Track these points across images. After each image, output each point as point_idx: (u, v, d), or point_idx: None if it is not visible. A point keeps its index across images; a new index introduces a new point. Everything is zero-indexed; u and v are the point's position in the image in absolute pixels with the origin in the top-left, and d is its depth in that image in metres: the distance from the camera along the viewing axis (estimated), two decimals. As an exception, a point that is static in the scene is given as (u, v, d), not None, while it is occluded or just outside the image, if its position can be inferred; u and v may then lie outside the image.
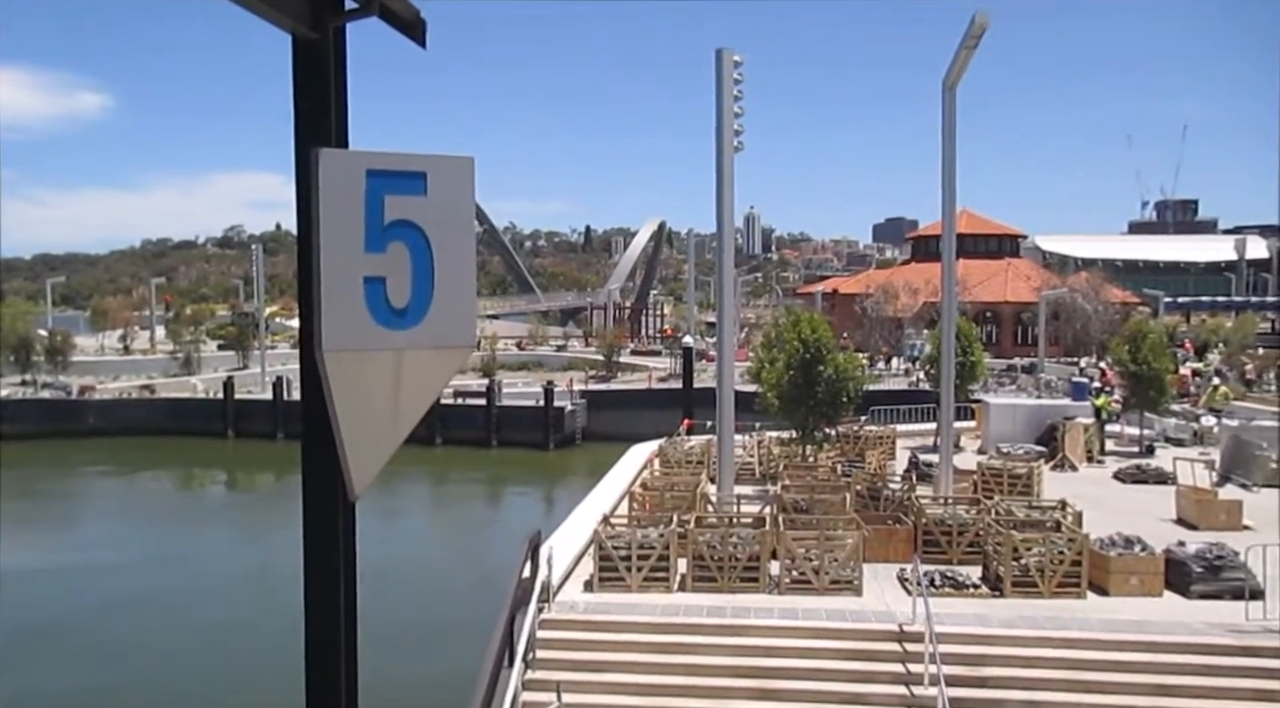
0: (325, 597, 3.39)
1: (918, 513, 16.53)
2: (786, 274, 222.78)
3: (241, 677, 19.03)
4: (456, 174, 3.45)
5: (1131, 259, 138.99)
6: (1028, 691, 11.89)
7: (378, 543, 27.95)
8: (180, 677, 19.49)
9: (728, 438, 18.70)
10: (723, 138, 17.73)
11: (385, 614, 20.03)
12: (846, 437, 25.86)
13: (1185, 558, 14.38)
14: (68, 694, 18.64)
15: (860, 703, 11.90)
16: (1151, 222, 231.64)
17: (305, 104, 3.32)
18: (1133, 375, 27.97)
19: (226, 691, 18.67)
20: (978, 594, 14.26)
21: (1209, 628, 12.80)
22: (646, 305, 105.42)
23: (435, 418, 46.59)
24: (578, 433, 49.32)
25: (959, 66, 17.46)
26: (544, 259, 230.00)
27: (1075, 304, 61.89)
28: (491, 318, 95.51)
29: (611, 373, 59.79)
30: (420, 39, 3.74)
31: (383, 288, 3.29)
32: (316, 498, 3.39)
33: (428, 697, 17.03)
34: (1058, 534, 14.67)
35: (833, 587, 14.11)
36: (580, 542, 15.72)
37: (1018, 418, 27.75)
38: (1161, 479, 22.74)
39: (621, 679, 12.33)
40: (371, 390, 3.34)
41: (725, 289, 19.24)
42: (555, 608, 13.53)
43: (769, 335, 27.03)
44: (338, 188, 3.20)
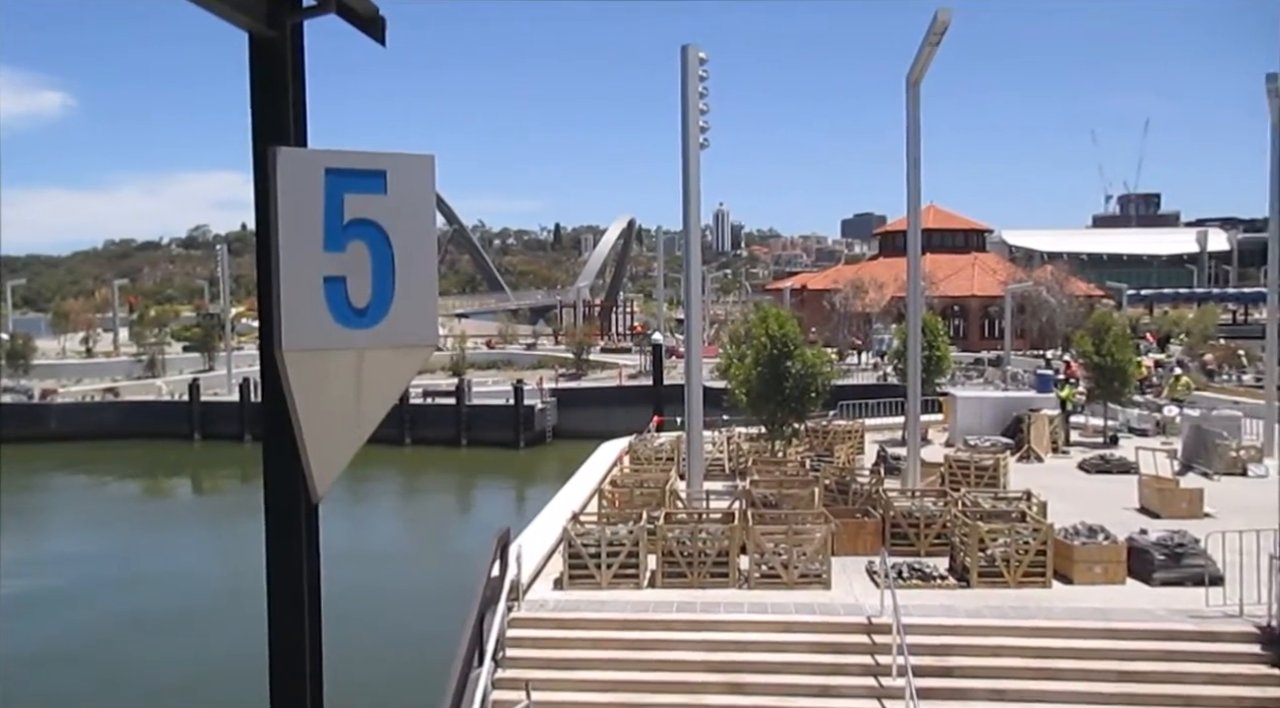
0: (289, 600, 3.37)
1: (885, 506, 16.67)
2: (756, 270, 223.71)
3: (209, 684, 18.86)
4: (416, 172, 3.44)
5: (1096, 252, 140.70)
6: (994, 679, 12.04)
7: (345, 545, 27.78)
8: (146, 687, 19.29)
9: (697, 434, 18.76)
10: (688, 135, 17.77)
11: (352, 617, 19.92)
12: (815, 431, 26.02)
13: (1147, 546, 14.61)
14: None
15: (829, 695, 12.00)
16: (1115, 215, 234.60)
17: (262, 103, 3.29)
18: (1096, 367, 28.37)
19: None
20: (945, 585, 14.41)
21: (1170, 614, 13.02)
22: (616, 303, 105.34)
23: (404, 418, 46.36)
24: (548, 431, 49.22)
25: (922, 63, 17.59)
26: (513, 257, 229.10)
27: (1040, 297, 62.58)
28: (461, 316, 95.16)
29: (582, 371, 59.72)
30: (380, 36, 3.72)
31: (343, 287, 3.27)
32: (279, 500, 3.37)
33: (396, 698, 16.98)
34: (1023, 525, 14.86)
35: (802, 581, 14.21)
36: (550, 540, 15.72)
37: (984, 411, 28.02)
38: (1125, 469, 23.07)
39: (591, 677, 12.36)
40: (332, 390, 3.32)
41: (693, 286, 19.28)
42: (525, 606, 13.53)
43: (737, 332, 27.11)
44: (296, 187, 3.18)
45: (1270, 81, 24.74)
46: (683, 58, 17.71)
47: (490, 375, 59.40)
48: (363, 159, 3.30)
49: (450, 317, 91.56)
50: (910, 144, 18.34)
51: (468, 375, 54.63)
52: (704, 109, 17.97)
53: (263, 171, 3.18)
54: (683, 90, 17.72)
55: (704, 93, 17.96)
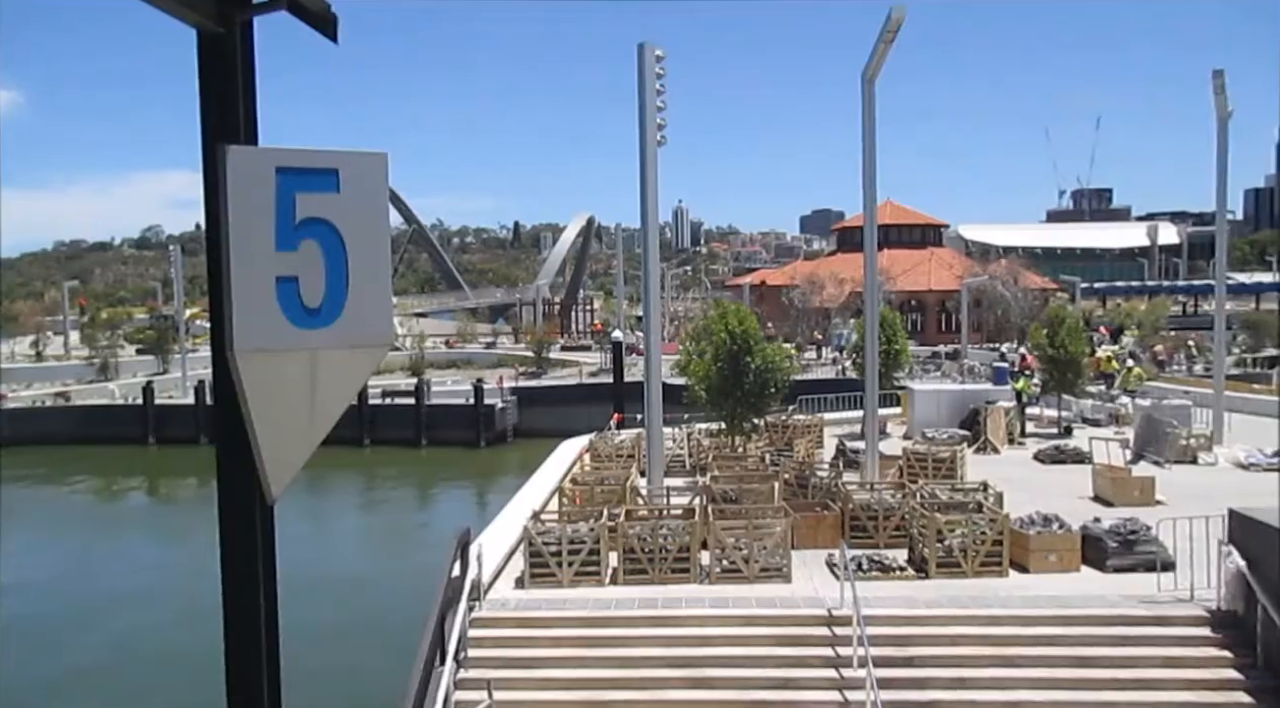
0: (244, 603, 3.34)
1: (845, 499, 16.82)
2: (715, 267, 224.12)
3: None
4: (369, 170, 3.41)
5: (1050, 246, 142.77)
6: (953, 668, 12.20)
7: (303, 547, 27.52)
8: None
9: (657, 431, 18.80)
10: (646, 132, 17.78)
11: (311, 620, 19.75)
12: (775, 426, 26.16)
13: (1101, 534, 14.88)
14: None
15: (791, 687, 12.09)
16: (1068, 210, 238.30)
17: (212, 101, 3.25)
18: (1051, 359, 28.82)
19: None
20: (904, 576, 14.57)
21: (1123, 600, 13.27)
22: (576, 301, 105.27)
23: (363, 418, 45.99)
24: (509, 430, 49.08)
25: (877, 60, 17.75)
26: (472, 256, 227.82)
27: (996, 291, 63.45)
28: (419, 316, 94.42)
29: (542, 369, 59.59)
30: (331, 34, 3.69)
31: (295, 287, 3.25)
32: (233, 502, 3.33)
33: (358, 700, 16.86)
34: (980, 515, 15.06)
35: (762, 575, 14.30)
36: (511, 539, 15.69)
37: (942, 403, 28.34)
38: (1079, 459, 23.44)
39: (554, 675, 12.36)
40: (286, 391, 3.29)
41: (651, 283, 19.31)
42: (486, 606, 13.48)
43: (697, 328, 27.19)
44: (246, 185, 3.15)
45: (1215, 78, 25.29)
46: (639, 55, 17.71)
47: (450, 375, 59.11)
48: (315, 157, 3.28)
49: (409, 316, 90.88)
50: (866, 140, 18.50)
51: (427, 375, 54.32)
52: (661, 106, 17.99)
53: (213, 170, 3.14)
54: (640, 87, 17.72)
55: (661, 90, 17.98)
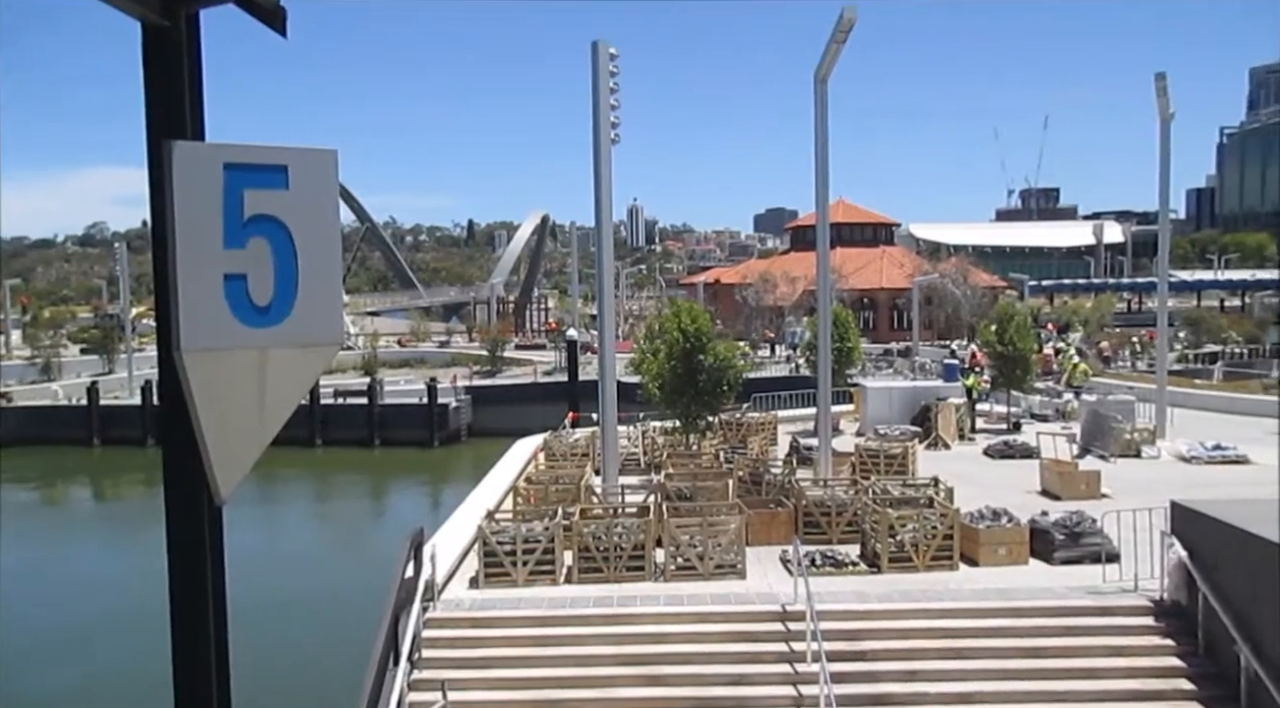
0: (192, 606, 3.28)
1: (798, 496, 16.95)
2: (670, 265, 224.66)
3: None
4: (319, 167, 3.38)
5: (999, 245, 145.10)
6: (905, 661, 12.37)
7: (254, 549, 27.16)
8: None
9: (611, 429, 18.81)
10: (600, 130, 17.78)
11: (262, 623, 19.51)
12: (729, 424, 26.29)
13: (1048, 527, 15.16)
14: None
15: (745, 683, 12.17)
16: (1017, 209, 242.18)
17: (157, 95, 3.19)
18: (1000, 356, 29.27)
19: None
20: (856, 572, 14.73)
21: (1070, 592, 13.54)
22: (531, 299, 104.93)
23: (315, 418, 45.47)
24: (463, 429, 48.80)
25: (829, 60, 17.90)
26: (426, 254, 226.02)
27: (946, 289, 64.35)
28: (372, 314, 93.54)
29: (496, 368, 59.31)
30: (280, 28, 3.64)
31: (244, 285, 3.20)
32: (180, 504, 3.28)
33: (310, 704, 16.68)
34: (931, 510, 15.27)
35: (717, 571, 14.37)
36: (465, 539, 15.60)
37: (894, 400, 28.66)
38: (1027, 454, 23.85)
39: (508, 674, 12.32)
40: (235, 391, 3.25)
41: (605, 281, 19.31)
42: (440, 606, 13.40)
43: (651, 326, 27.24)
44: (193, 182, 3.10)
45: (1158, 80, 25.85)
46: (593, 54, 17.70)
47: (403, 374, 58.60)
48: (263, 154, 3.23)
49: (361, 315, 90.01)
50: (819, 140, 18.65)
51: (380, 374, 53.78)
52: (615, 104, 18.00)
53: (158, 166, 3.09)
54: (593, 86, 17.71)
55: (615, 88, 17.99)
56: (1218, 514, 12.56)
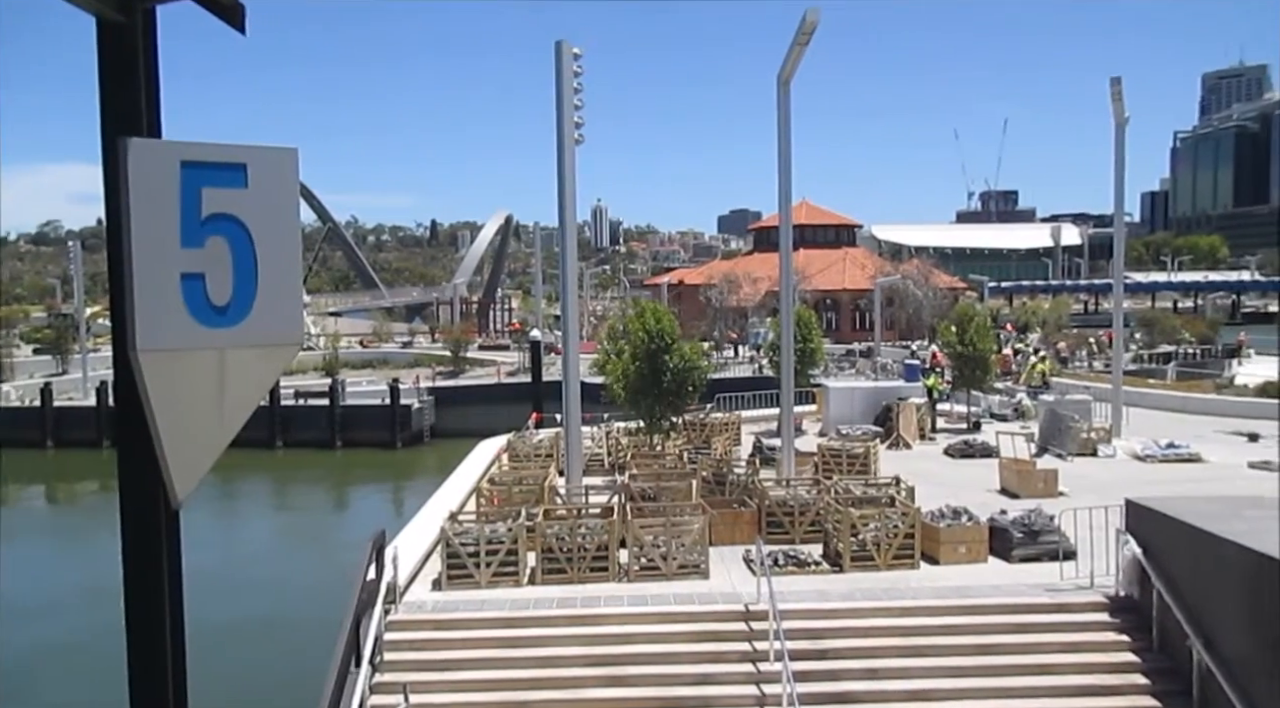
0: (149, 613, 3.23)
1: (761, 496, 17.04)
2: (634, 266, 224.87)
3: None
4: (279, 166, 3.34)
5: (959, 246, 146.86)
6: (866, 659, 12.46)
7: (213, 552, 26.81)
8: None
9: (575, 430, 18.78)
10: (563, 130, 17.74)
11: (221, 627, 19.27)
12: (692, 424, 26.36)
13: (1006, 525, 15.35)
14: None
15: (709, 683, 12.20)
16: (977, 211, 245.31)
17: (112, 91, 3.15)
18: (960, 356, 29.60)
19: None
20: (819, 571, 14.83)
21: (1028, 589, 13.72)
22: (494, 300, 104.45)
23: (275, 419, 44.95)
24: (425, 430, 48.46)
25: (792, 62, 18.00)
26: (388, 254, 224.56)
27: (908, 290, 64.93)
28: (334, 315, 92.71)
29: (459, 369, 58.97)
30: (239, 24, 3.60)
31: (202, 284, 3.17)
32: (136, 507, 3.23)
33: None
34: (892, 510, 15.41)
35: (680, 572, 14.40)
36: (427, 540, 15.52)
37: (856, 400, 28.88)
38: (987, 453, 24.12)
39: (471, 677, 12.26)
40: (192, 392, 3.21)
41: (569, 281, 19.28)
42: (402, 609, 13.32)
43: (614, 327, 27.24)
44: (149, 180, 3.06)
45: (1113, 85, 26.25)
46: (556, 53, 17.65)
47: (365, 375, 58.09)
48: (221, 152, 3.20)
49: (323, 315, 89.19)
50: (782, 142, 18.75)
51: (341, 375, 53.25)
52: (579, 104, 17.97)
53: (114, 164, 3.04)
54: (557, 86, 17.67)
55: (578, 88, 17.96)
56: (1171, 512, 12.79)
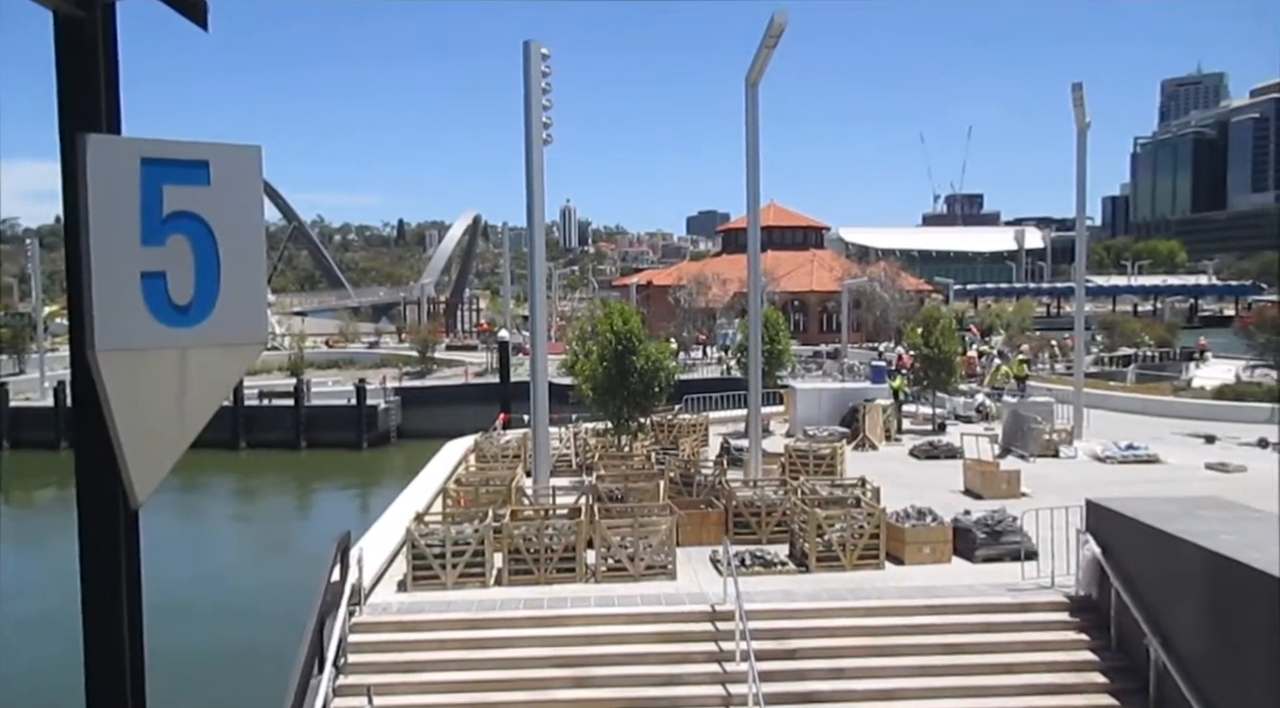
0: (106, 617, 3.18)
1: (729, 496, 17.09)
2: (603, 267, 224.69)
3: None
4: (242, 163, 3.31)
5: (925, 249, 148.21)
6: (831, 659, 12.54)
7: (174, 555, 26.48)
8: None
9: (543, 431, 18.75)
10: (531, 130, 17.71)
11: (182, 630, 19.04)
12: (660, 425, 26.39)
13: (970, 526, 15.51)
14: None
15: (676, 683, 12.22)
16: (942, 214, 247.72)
17: (71, 87, 3.10)
18: (926, 358, 29.85)
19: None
20: (785, 571, 14.90)
21: (991, 589, 13.87)
22: (462, 300, 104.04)
23: (239, 420, 44.48)
24: (392, 431, 48.15)
25: (760, 64, 18.08)
26: (355, 253, 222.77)
27: (875, 292, 65.34)
28: (299, 314, 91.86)
29: (426, 369, 58.65)
30: (201, 21, 3.56)
31: (162, 283, 3.13)
32: (93, 509, 3.18)
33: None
34: (858, 510, 15.52)
35: (648, 572, 14.42)
36: (393, 542, 15.43)
37: (823, 402, 29.05)
38: (951, 454, 24.35)
39: (437, 678, 12.20)
40: (152, 392, 3.17)
41: (537, 282, 19.25)
42: (367, 610, 13.22)
43: (583, 328, 27.22)
44: (109, 177, 3.02)
45: (1075, 91, 26.61)
46: (525, 53, 17.62)
47: (331, 375, 57.61)
48: (183, 149, 3.16)
49: (288, 314, 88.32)
50: (750, 144, 18.82)
51: (307, 375, 52.77)
52: (547, 104, 17.94)
53: (72, 161, 3.00)
54: (525, 86, 17.63)
55: (547, 88, 17.93)
56: (1129, 512, 12.98)
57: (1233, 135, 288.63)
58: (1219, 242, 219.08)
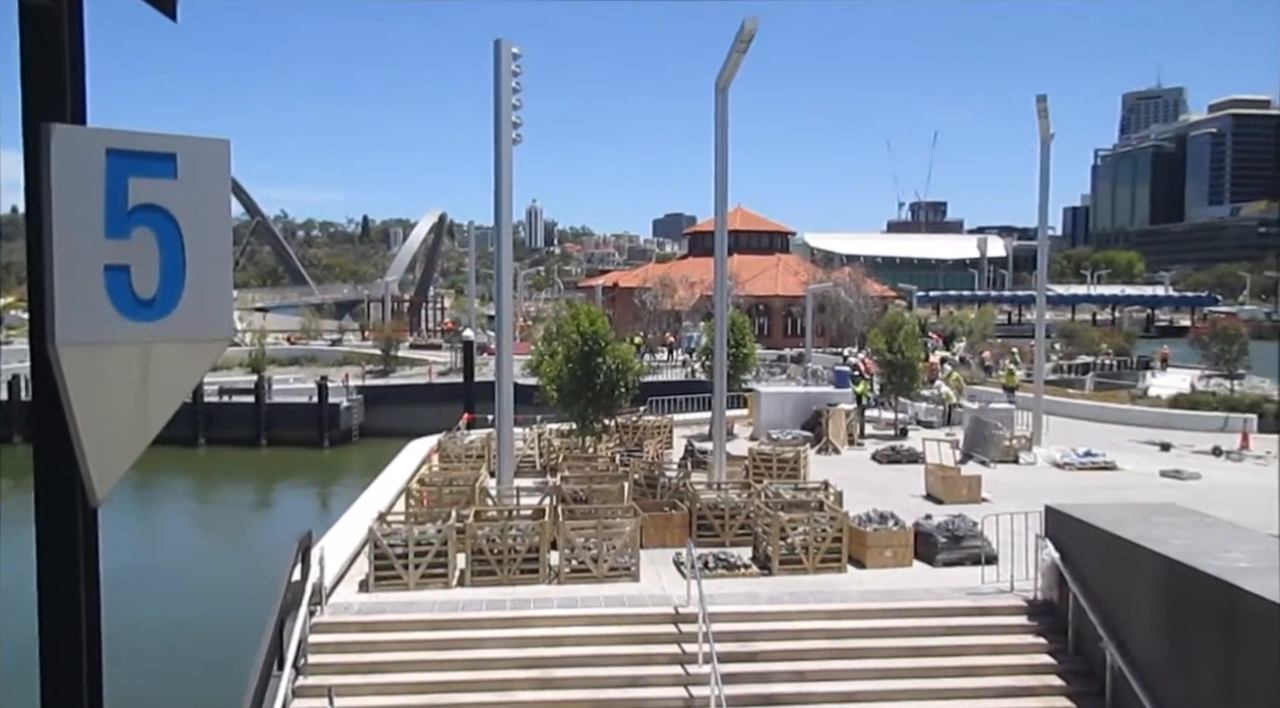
0: (64, 616, 3.12)
1: (692, 499, 17.11)
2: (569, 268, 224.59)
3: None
4: (210, 157, 3.26)
5: (889, 255, 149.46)
6: (794, 662, 12.60)
7: (132, 553, 26.08)
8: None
9: (507, 431, 18.68)
10: (501, 130, 17.65)
11: (140, 630, 18.74)
12: (625, 427, 26.38)
13: (931, 530, 15.66)
14: None
15: (639, 685, 12.22)
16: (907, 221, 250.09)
17: (35, 76, 3.04)
18: (889, 363, 30.09)
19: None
20: (748, 574, 14.94)
21: (951, 593, 14.00)
22: (427, 299, 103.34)
23: (198, 417, 43.89)
24: (354, 430, 47.74)
25: (730, 69, 18.12)
26: (318, 250, 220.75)
27: (839, 297, 65.77)
28: (261, 310, 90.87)
29: (390, 367, 58.24)
30: (170, 10, 3.50)
31: (127, 276, 3.07)
32: (52, 506, 3.11)
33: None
34: (821, 513, 15.60)
35: (611, 574, 14.40)
36: (355, 541, 15.28)
37: (786, 405, 29.19)
38: (913, 459, 24.56)
39: (399, 679, 12.11)
40: (114, 387, 3.11)
41: (504, 282, 19.18)
42: (328, 610, 13.09)
43: (549, 328, 27.16)
44: (73, 168, 2.96)
45: (1039, 102, 26.98)
46: (495, 53, 17.56)
47: (292, 372, 57.04)
48: (150, 141, 3.11)
49: (250, 310, 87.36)
50: (719, 148, 18.85)
51: (268, 372, 52.18)
52: (516, 104, 17.89)
53: (35, 150, 2.95)
54: (495, 85, 17.57)
55: (517, 88, 17.88)
56: (1087, 518, 13.17)
57: (1191, 149, 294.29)
58: (1176, 253, 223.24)
